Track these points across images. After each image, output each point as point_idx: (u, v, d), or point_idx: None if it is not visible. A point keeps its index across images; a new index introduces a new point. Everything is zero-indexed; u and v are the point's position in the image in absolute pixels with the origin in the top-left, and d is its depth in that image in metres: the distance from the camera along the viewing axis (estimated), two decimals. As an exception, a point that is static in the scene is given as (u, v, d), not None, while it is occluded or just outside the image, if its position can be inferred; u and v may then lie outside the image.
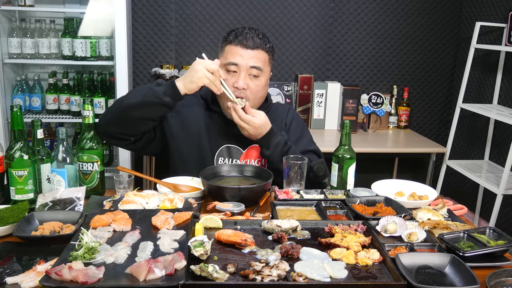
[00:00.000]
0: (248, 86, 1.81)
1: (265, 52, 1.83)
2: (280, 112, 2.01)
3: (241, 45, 1.79)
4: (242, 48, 1.79)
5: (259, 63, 1.81)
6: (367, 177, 2.14)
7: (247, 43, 1.79)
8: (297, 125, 2.01)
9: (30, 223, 1.37)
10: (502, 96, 3.30)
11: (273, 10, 3.59)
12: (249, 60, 1.79)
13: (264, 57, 1.83)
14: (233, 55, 1.80)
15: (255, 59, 1.80)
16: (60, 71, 3.41)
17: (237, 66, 1.79)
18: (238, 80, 1.79)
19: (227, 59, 1.81)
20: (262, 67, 1.82)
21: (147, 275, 1.07)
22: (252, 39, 1.80)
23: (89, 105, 1.69)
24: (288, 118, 2.01)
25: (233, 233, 1.28)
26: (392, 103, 3.73)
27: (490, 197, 3.33)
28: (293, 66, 3.71)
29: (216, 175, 1.75)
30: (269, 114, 1.93)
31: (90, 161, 1.68)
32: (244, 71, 1.79)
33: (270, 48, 1.85)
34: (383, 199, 1.59)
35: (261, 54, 1.81)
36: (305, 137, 2.00)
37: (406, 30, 3.73)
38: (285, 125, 1.99)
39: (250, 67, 1.79)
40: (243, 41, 1.79)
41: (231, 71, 1.80)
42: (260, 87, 1.84)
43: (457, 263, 1.17)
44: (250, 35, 1.80)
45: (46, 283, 1.04)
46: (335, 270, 1.14)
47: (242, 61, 1.79)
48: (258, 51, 1.81)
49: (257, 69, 1.80)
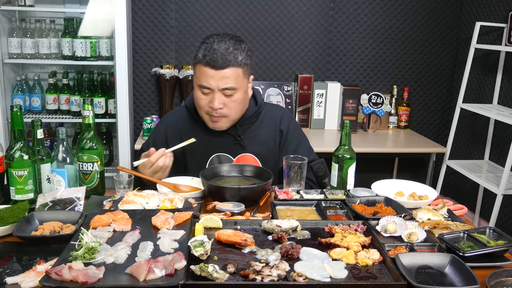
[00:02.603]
0: (225, 104, 1.75)
1: (237, 67, 1.71)
2: (273, 116, 1.94)
3: (210, 66, 1.69)
4: (211, 69, 1.69)
5: (231, 83, 1.71)
6: (367, 177, 2.14)
7: (216, 64, 1.68)
8: (293, 133, 1.94)
9: (30, 223, 1.37)
10: (502, 96, 3.30)
11: (273, 10, 3.59)
12: (219, 81, 1.70)
13: (237, 73, 1.72)
14: (204, 76, 1.71)
15: (226, 80, 1.70)
16: (60, 71, 3.41)
17: (209, 89, 1.73)
18: (212, 101, 1.73)
19: (199, 81, 1.73)
20: (235, 85, 1.72)
21: (147, 275, 1.07)
22: (221, 58, 1.68)
23: (89, 105, 1.68)
24: (283, 124, 1.93)
25: (233, 233, 1.28)
26: (392, 103, 3.73)
27: (490, 197, 3.33)
28: (293, 66, 3.70)
29: (216, 175, 1.75)
30: (261, 117, 1.92)
31: (90, 161, 1.68)
32: (217, 92, 1.72)
33: (243, 59, 1.73)
34: (383, 199, 1.59)
35: (232, 72, 1.70)
36: (303, 146, 1.94)
37: (406, 30, 3.73)
38: (280, 132, 1.92)
39: (222, 89, 1.72)
40: (211, 62, 1.68)
41: (205, 93, 1.75)
42: (237, 102, 1.76)
43: (457, 263, 1.17)
44: (219, 53, 1.68)
45: (46, 283, 1.04)
46: (335, 270, 1.14)
47: (214, 84, 1.70)
48: (229, 69, 1.70)
49: (229, 90, 1.72)
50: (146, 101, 3.64)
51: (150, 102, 3.64)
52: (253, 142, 1.89)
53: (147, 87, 3.61)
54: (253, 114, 1.89)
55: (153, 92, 3.62)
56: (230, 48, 1.71)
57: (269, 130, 1.92)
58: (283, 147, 1.92)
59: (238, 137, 1.87)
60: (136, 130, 3.56)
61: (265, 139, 1.91)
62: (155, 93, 3.62)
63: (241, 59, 1.72)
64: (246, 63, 1.75)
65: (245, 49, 1.76)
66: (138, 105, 3.64)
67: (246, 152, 1.89)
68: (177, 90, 3.58)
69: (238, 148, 1.88)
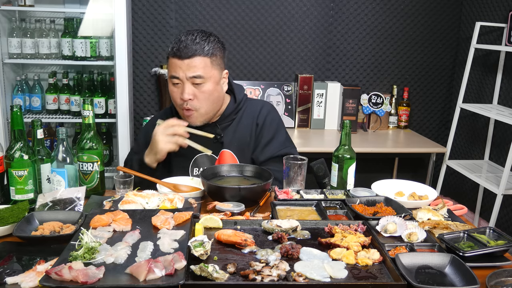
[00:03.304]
0: (195, 95, 1.77)
1: (204, 56, 1.74)
2: (253, 109, 1.93)
3: (177, 56, 1.74)
4: (178, 60, 1.74)
5: (198, 71, 1.74)
6: (367, 177, 2.14)
7: (181, 54, 1.73)
8: (269, 126, 1.92)
9: (30, 223, 1.37)
10: (502, 96, 3.30)
11: (273, 10, 3.59)
12: (187, 71, 1.74)
13: (204, 62, 1.75)
14: (172, 67, 1.77)
15: (193, 68, 1.73)
16: (60, 71, 3.41)
17: (178, 79, 1.76)
18: (183, 92, 1.76)
19: (170, 72, 1.78)
20: (203, 74, 1.75)
21: (147, 275, 1.07)
22: (186, 48, 1.73)
23: (89, 105, 1.68)
24: (260, 118, 1.92)
25: (233, 233, 1.28)
26: (392, 103, 3.73)
27: (490, 197, 3.33)
28: (293, 66, 3.70)
29: (216, 175, 1.75)
30: (240, 113, 1.92)
31: (90, 161, 1.68)
32: (186, 82, 1.75)
33: (209, 50, 1.76)
34: (383, 199, 1.59)
35: (198, 61, 1.74)
36: (276, 140, 1.91)
37: (406, 30, 3.73)
38: (256, 125, 1.91)
39: (189, 78, 1.75)
40: (177, 53, 1.74)
41: (176, 83, 1.78)
42: (207, 93, 1.78)
43: (457, 263, 1.17)
44: (184, 44, 1.73)
45: (46, 283, 1.04)
46: (335, 270, 1.14)
47: (181, 73, 1.74)
48: (195, 58, 1.73)
49: (197, 78, 1.75)
50: (146, 101, 3.64)
51: (150, 102, 3.64)
52: (231, 138, 1.90)
53: (147, 87, 3.61)
54: (232, 111, 1.91)
55: (153, 92, 3.62)
56: (197, 39, 1.75)
57: (247, 124, 1.92)
58: (256, 139, 1.91)
59: (218, 135, 1.88)
60: (136, 130, 3.56)
61: (243, 133, 1.91)
62: (155, 93, 3.62)
63: (207, 49, 1.75)
64: (214, 53, 1.78)
65: (214, 41, 1.79)
66: (138, 105, 3.64)
67: (224, 148, 1.89)
68: (177, 90, 3.57)
69: (218, 146, 1.89)
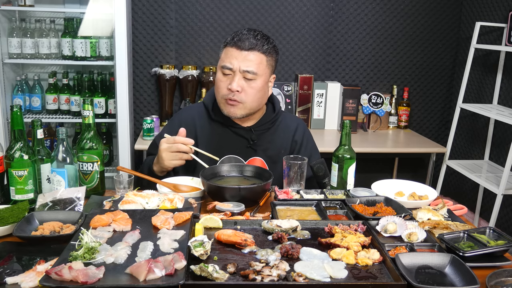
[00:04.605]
0: (243, 88, 1.77)
1: (261, 53, 1.77)
2: (289, 124, 1.96)
3: (236, 46, 1.76)
4: (236, 50, 1.76)
5: (252, 66, 1.76)
6: (367, 177, 2.14)
7: (242, 44, 1.75)
8: (306, 144, 1.97)
9: (30, 223, 1.37)
10: (502, 96, 3.30)
11: (273, 10, 3.59)
12: (242, 63, 1.75)
13: (260, 59, 1.77)
14: (227, 57, 1.78)
15: (248, 62, 1.75)
16: (60, 71, 3.42)
17: (231, 70, 1.77)
18: (232, 82, 1.76)
19: (223, 62, 1.79)
20: (256, 70, 1.76)
21: (147, 275, 1.07)
22: (247, 40, 1.75)
23: (89, 105, 1.68)
24: (297, 135, 1.95)
25: (233, 233, 1.28)
26: (392, 103, 3.73)
27: (490, 197, 3.33)
28: (293, 66, 3.70)
29: (216, 175, 1.75)
30: (276, 123, 1.92)
31: (90, 161, 1.68)
32: (238, 74, 1.76)
33: (268, 49, 1.79)
34: (383, 199, 1.59)
35: (256, 56, 1.76)
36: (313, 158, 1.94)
37: (406, 30, 3.73)
38: (295, 143, 1.94)
39: (243, 71, 1.76)
40: (238, 43, 1.76)
41: (226, 74, 1.79)
42: (256, 89, 1.79)
43: (457, 263, 1.17)
44: (247, 36, 1.76)
45: (46, 283, 1.04)
46: (335, 270, 1.14)
47: (236, 64, 1.75)
48: (253, 52, 1.76)
49: (250, 73, 1.76)
50: (146, 101, 3.64)
51: (150, 102, 3.64)
52: (265, 147, 1.90)
53: (147, 87, 3.61)
54: (270, 120, 1.91)
55: (153, 92, 3.62)
56: (258, 36, 1.79)
57: (283, 137, 1.93)
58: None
59: (252, 141, 1.88)
60: (136, 130, 3.56)
61: (278, 146, 1.92)
62: (155, 93, 3.62)
63: (266, 47, 1.79)
64: (271, 53, 1.81)
65: (272, 43, 1.83)
66: (138, 105, 3.64)
67: (257, 156, 1.89)
68: (177, 90, 3.58)
69: (250, 152, 1.89)
